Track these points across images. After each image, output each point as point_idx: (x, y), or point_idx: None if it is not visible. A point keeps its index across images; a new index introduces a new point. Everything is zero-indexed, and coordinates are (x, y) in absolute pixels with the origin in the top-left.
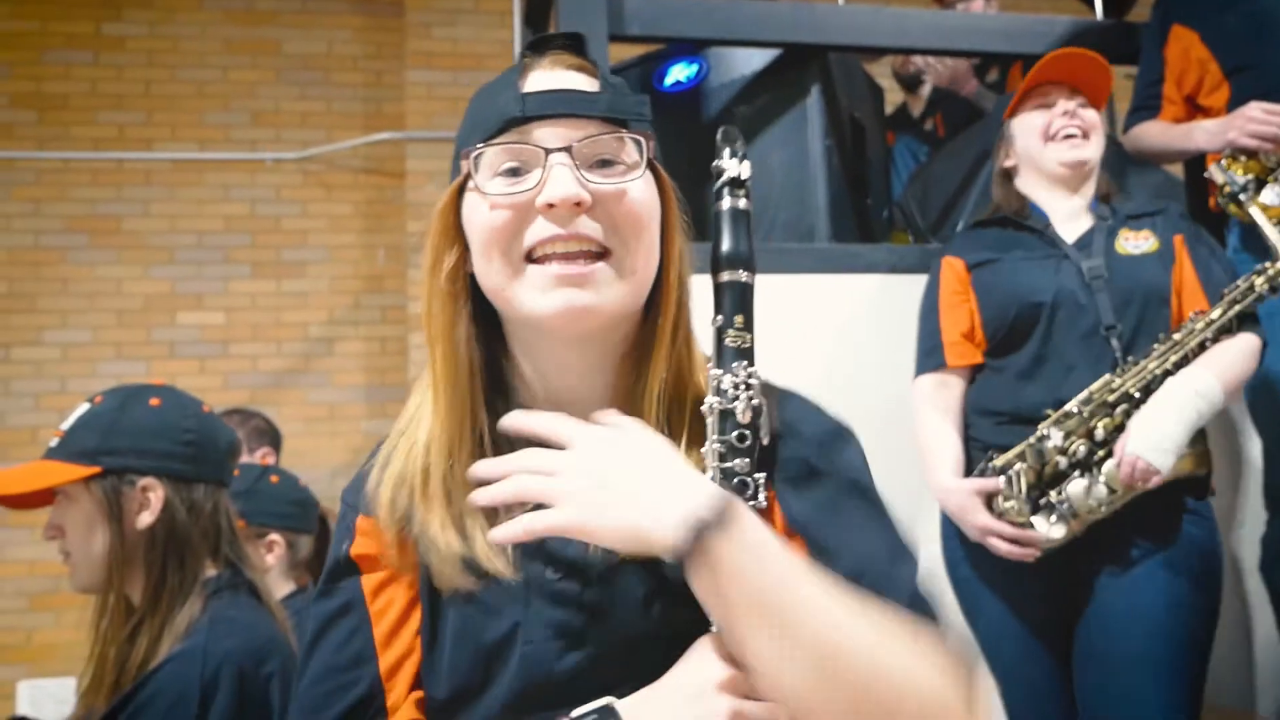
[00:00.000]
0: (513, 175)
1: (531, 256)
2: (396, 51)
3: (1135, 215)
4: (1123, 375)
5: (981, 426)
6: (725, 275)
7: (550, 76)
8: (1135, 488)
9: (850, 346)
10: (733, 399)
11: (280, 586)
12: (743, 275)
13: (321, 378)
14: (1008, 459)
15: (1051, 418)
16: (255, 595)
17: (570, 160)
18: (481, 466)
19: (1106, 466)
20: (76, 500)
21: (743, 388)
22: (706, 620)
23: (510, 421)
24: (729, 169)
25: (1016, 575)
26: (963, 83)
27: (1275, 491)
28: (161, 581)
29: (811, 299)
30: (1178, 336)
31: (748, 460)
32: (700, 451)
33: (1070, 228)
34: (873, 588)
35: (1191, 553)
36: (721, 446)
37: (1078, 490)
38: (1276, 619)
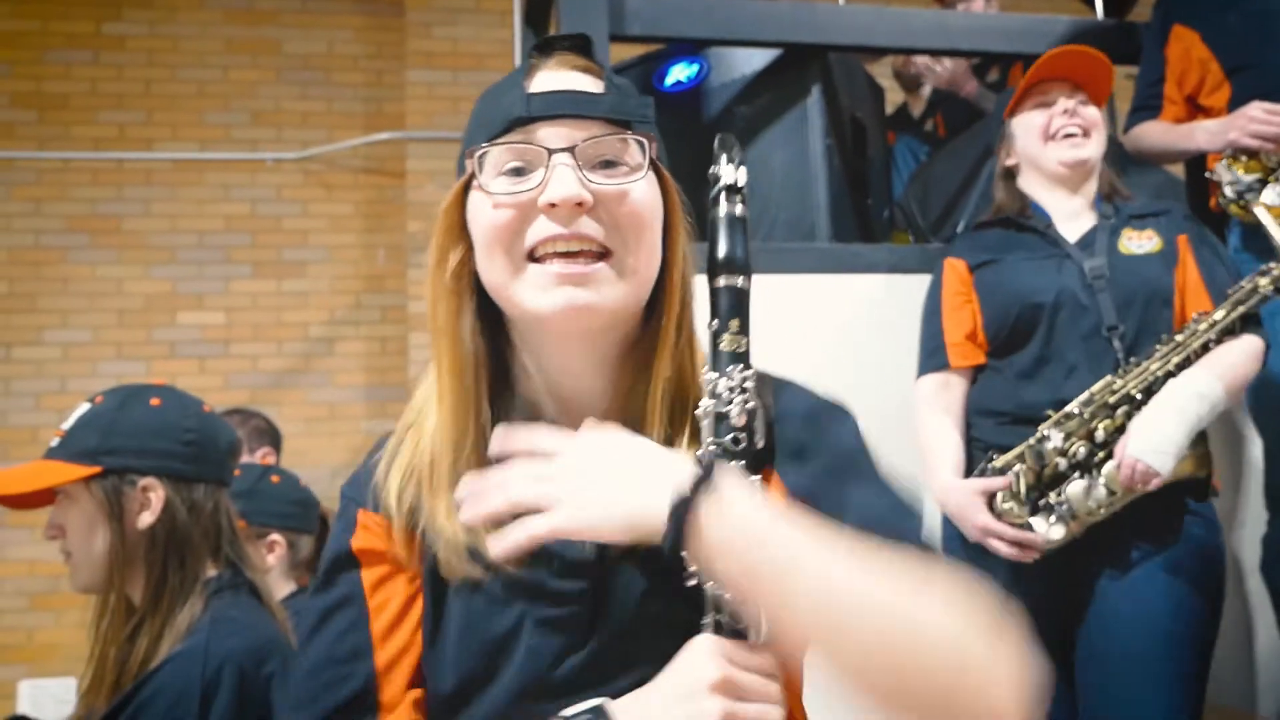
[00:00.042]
0: (516, 175)
1: (533, 255)
2: (397, 51)
3: (1139, 215)
4: (1124, 376)
5: (983, 427)
6: (722, 280)
7: (556, 77)
8: (1135, 490)
9: (850, 346)
10: (727, 402)
11: (281, 587)
12: (739, 280)
13: (322, 378)
14: (1007, 460)
15: (1052, 419)
16: (256, 595)
17: (573, 161)
18: (471, 484)
19: (1107, 468)
20: (77, 500)
21: (738, 391)
22: (701, 617)
23: (495, 446)
24: (725, 175)
25: (1016, 576)
26: (962, 83)
27: (1276, 492)
28: (162, 581)
29: (812, 299)
30: (1180, 337)
31: (743, 463)
32: (698, 454)
33: (1072, 227)
34: (879, 541)
35: (1193, 554)
36: (716, 449)
37: (1077, 492)
38: (1278, 619)
